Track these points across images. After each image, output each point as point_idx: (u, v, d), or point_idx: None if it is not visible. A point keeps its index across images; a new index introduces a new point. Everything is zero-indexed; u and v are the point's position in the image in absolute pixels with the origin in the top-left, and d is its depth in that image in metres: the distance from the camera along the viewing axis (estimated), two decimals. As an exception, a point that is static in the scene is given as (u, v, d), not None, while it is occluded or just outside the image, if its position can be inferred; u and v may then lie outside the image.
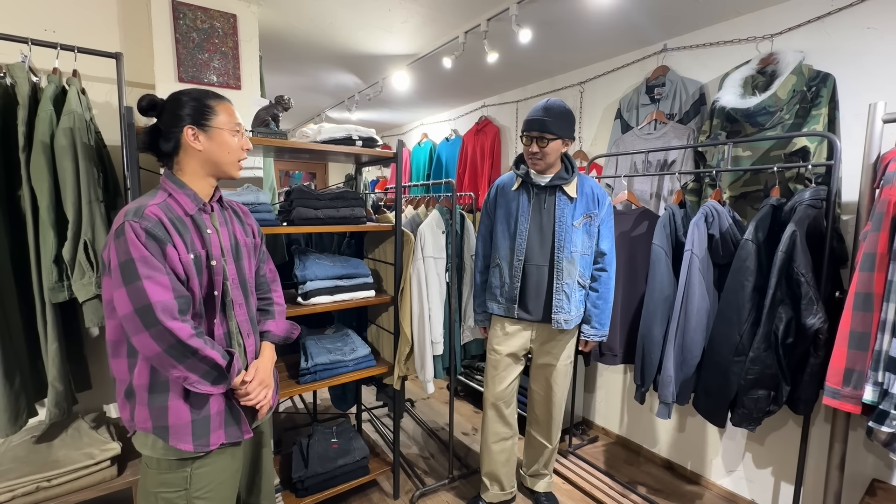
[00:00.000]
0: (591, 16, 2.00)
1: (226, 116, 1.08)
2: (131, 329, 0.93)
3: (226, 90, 1.90)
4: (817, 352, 1.44)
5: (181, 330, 0.95)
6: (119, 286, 0.92)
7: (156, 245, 0.95)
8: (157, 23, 1.74)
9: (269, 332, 1.26)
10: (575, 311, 1.73)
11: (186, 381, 0.98)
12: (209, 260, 1.05)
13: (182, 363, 0.96)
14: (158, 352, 0.93)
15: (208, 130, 1.06)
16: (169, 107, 1.06)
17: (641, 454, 2.46)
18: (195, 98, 1.07)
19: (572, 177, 1.71)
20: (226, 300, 1.09)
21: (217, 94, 1.12)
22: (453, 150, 3.66)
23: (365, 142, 1.80)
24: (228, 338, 1.11)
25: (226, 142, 1.08)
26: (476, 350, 2.34)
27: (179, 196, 1.05)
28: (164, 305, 0.93)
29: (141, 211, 0.96)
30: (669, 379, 1.69)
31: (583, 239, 1.71)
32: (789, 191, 1.74)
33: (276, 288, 1.35)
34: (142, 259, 0.93)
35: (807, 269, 1.42)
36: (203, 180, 1.10)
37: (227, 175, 1.12)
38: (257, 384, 1.13)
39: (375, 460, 2.09)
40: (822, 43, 1.76)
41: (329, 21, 2.17)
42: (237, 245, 1.15)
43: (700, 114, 2.11)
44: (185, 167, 1.08)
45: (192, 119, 1.05)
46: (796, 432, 1.79)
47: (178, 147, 1.06)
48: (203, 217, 1.08)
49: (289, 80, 3.20)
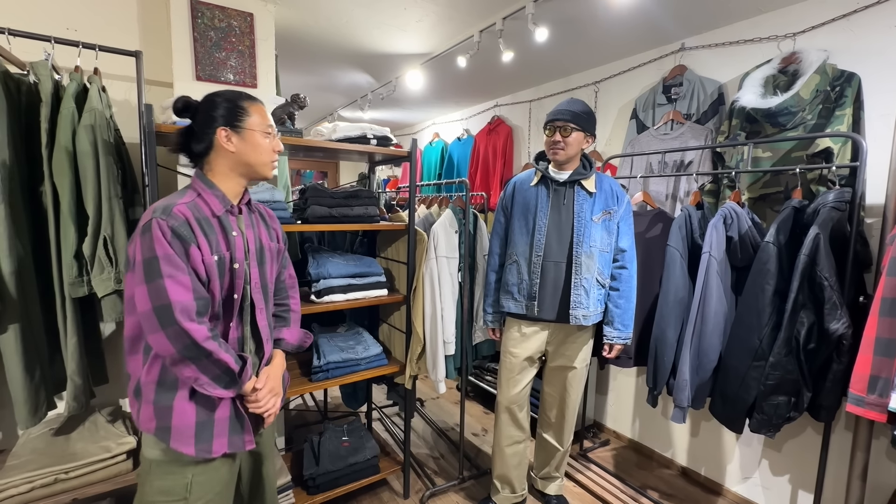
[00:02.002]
0: (608, 14, 1.98)
1: (258, 118, 1.08)
2: (148, 327, 0.92)
3: (242, 88, 1.92)
4: (840, 358, 1.40)
5: (197, 332, 0.94)
6: (141, 283, 0.92)
7: (180, 244, 0.95)
8: (175, 21, 1.76)
9: (282, 340, 1.25)
10: (593, 308, 1.70)
11: (197, 382, 0.97)
12: (232, 263, 1.04)
13: (195, 364, 0.95)
14: (173, 351, 0.93)
15: (241, 132, 1.05)
16: (203, 108, 1.06)
17: (654, 458, 2.43)
18: (228, 99, 1.07)
19: (591, 173, 1.71)
20: (244, 304, 1.08)
21: (250, 95, 1.11)
22: (465, 150, 3.65)
23: (379, 140, 1.80)
24: (242, 342, 1.10)
25: (258, 143, 1.08)
26: (487, 351, 2.33)
27: (208, 196, 1.05)
28: (182, 306, 0.92)
29: (169, 209, 0.96)
30: (685, 383, 1.66)
31: (602, 235, 1.69)
32: (811, 193, 1.70)
33: (295, 294, 1.34)
34: (166, 257, 0.92)
35: (830, 272, 1.39)
36: (233, 181, 1.09)
37: (260, 176, 1.12)
38: (267, 392, 1.11)
39: (386, 459, 2.09)
40: (847, 41, 1.71)
41: (345, 20, 2.18)
42: (262, 249, 1.14)
43: (718, 114, 2.07)
44: (216, 168, 1.07)
45: (226, 120, 1.05)
46: (815, 439, 1.75)
47: (211, 148, 1.06)
48: (230, 219, 1.07)
49: (303, 79, 3.22)
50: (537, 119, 3.15)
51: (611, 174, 2.42)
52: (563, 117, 1.65)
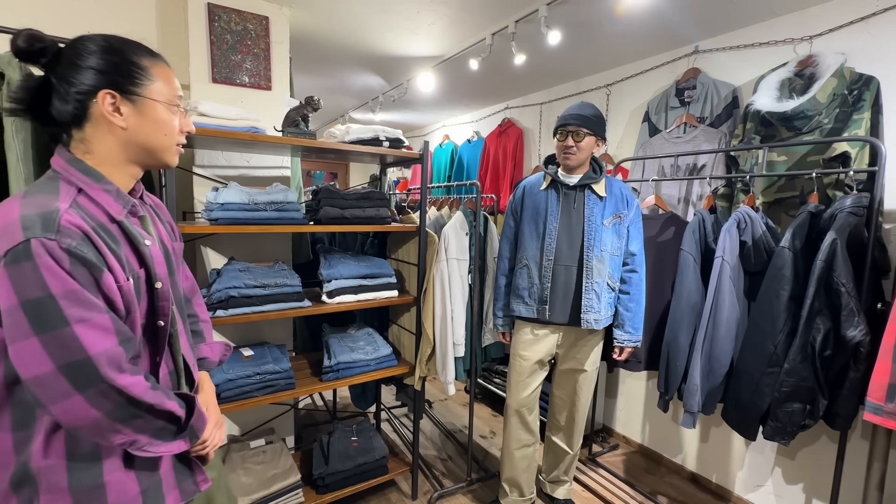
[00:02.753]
0: (622, 17, 1.97)
1: (163, 84, 0.79)
2: (50, 394, 0.65)
3: (257, 90, 1.95)
4: (857, 365, 1.38)
5: (135, 385, 0.70)
6: (26, 335, 0.63)
7: (86, 273, 0.67)
8: (193, 25, 1.79)
9: (205, 360, 1.02)
10: (604, 312, 1.70)
11: (134, 446, 0.73)
12: (153, 281, 0.79)
13: (129, 426, 0.71)
14: (96, 418, 0.68)
15: (137, 101, 0.75)
16: (71, 54, 0.73)
17: (663, 464, 2.41)
18: (116, 49, 0.75)
19: (600, 177, 1.71)
20: (172, 330, 0.85)
21: (151, 49, 0.80)
22: (475, 152, 3.66)
23: (392, 143, 1.81)
24: (175, 377, 0.88)
25: (162, 119, 0.78)
26: (496, 353, 2.33)
27: (96, 193, 0.73)
28: (109, 356, 0.68)
29: (53, 222, 0.65)
30: (695, 388, 1.65)
31: (612, 239, 1.69)
32: (827, 197, 1.68)
33: (199, 300, 1.08)
34: (68, 295, 0.64)
35: (847, 278, 1.37)
36: (122, 169, 0.78)
37: (162, 163, 0.84)
38: (212, 426, 0.89)
39: (394, 460, 2.10)
40: (866, 44, 1.69)
41: (358, 23, 2.20)
42: (168, 255, 0.87)
43: (732, 117, 2.06)
44: (96, 149, 0.75)
45: (112, 80, 0.73)
46: (830, 448, 1.72)
47: (84, 118, 0.74)
48: (133, 222, 0.79)
49: (316, 82, 3.25)
50: (548, 122, 3.14)
51: (622, 177, 2.41)
52: (575, 122, 1.64)
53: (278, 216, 1.58)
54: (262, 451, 1.85)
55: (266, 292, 1.59)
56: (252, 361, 1.65)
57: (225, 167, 1.91)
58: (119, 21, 1.79)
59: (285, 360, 1.71)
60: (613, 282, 1.72)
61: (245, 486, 1.66)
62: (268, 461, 1.80)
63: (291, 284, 1.66)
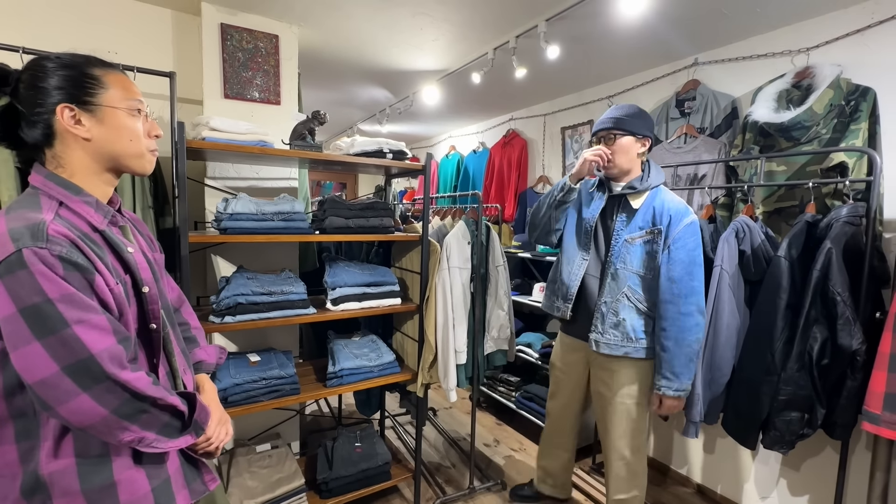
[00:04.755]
0: (620, 32, 2.02)
1: (119, 90, 0.81)
2: (58, 395, 0.67)
3: (266, 105, 2.02)
4: (855, 374, 1.38)
5: (138, 380, 0.73)
6: (27, 341, 0.66)
7: (79, 277, 0.70)
8: (207, 44, 1.88)
9: (202, 363, 1.07)
10: (614, 337, 1.56)
11: (142, 444, 0.75)
12: (139, 286, 0.82)
13: (136, 422, 0.74)
14: (103, 415, 0.70)
15: (95, 110, 0.78)
16: (28, 78, 0.76)
17: (668, 475, 2.39)
18: (68, 65, 0.78)
19: (644, 187, 1.55)
20: (164, 333, 0.88)
21: (103, 60, 0.82)
22: (481, 163, 3.71)
23: (395, 154, 1.87)
24: (172, 379, 0.91)
25: (124, 126, 0.80)
26: (499, 361, 2.34)
27: (77, 205, 0.77)
28: (110, 353, 0.71)
29: (41, 232, 0.68)
30: (697, 397, 1.65)
31: (641, 257, 1.53)
32: (826, 207, 1.69)
33: (187, 308, 1.12)
34: (65, 299, 0.68)
35: (843, 287, 1.38)
36: (97, 179, 0.81)
37: (135, 170, 0.85)
38: (216, 424, 0.93)
39: (397, 466, 2.12)
40: (862, 56, 1.71)
41: (364, 40, 2.27)
42: (151, 263, 0.91)
43: (732, 128, 2.08)
44: (67, 163, 0.78)
45: (68, 94, 0.76)
46: (834, 458, 1.71)
47: (52, 135, 0.77)
48: (115, 232, 0.82)
49: (324, 95, 3.34)
50: (552, 132, 3.19)
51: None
52: (605, 126, 1.54)
53: (285, 226, 1.64)
54: (268, 455, 1.89)
55: (272, 299, 1.65)
56: (258, 367, 1.70)
57: (235, 179, 1.99)
58: (136, 40, 1.89)
59: (291, 365, 1.75)
60: (640, 303, 1.53)
61: (250, 489, 1.70)
62: (273, 465, 1.84)
63: (297, 292, 1.71)
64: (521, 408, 2.69)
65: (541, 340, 2.66)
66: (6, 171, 1.36)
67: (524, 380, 2.84)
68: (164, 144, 1.87)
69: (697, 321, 1.46)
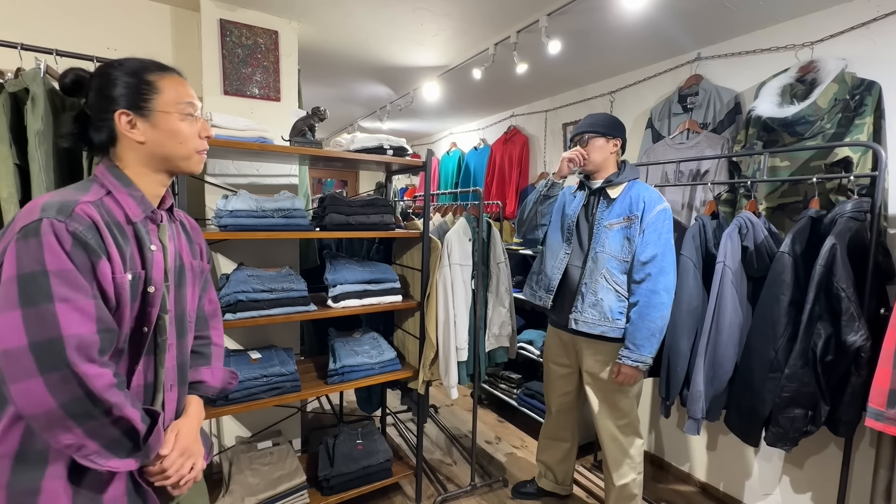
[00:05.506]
0: (622, 26, 2.01)
1: (172, 94, 0.83)
2: (14, 370, 0.64)
3: (266, 102, 2.01)
4: (859, 371, 1.37)
5: (98, 377, 0.68)
6: (12, 306, 0.65)
7: (85, 257, 0.70)
8: (206, 40, 1.87)
9: (202, 384, 0.98)
10: (591, 316, 1.66)
11: (80, 452, 0.69)
12: (146, 285, 0.80)
13: (82, 425, 0.68)
14: (50, 407, 0.65)
15: (149, 115, 0.81)
16: (97, 85, 0.81)
17: (670, 472, 2.39)
18: (130, 72, 0.81)
19: (620, 180, 1.71)
20: (158, 339, 0.83)
21: (161, 64, 0.85)
22: (482, 159, 3.70)
23: (395, 151, 1.86)
24: (152, 391, 0.84)
25: (175, 129, 0.83)
26: (500, 358, 2.34)
27: (122, 196, 0.80)
28: (80, 340, 0.67)
29: (69, 208, 0.70)
30: (699, 394, 1.64)
31: (619, 242, 1.66)
32: (830, 202, 1.67)
33: (217, 324, 1.08)
34: (61, 274, 0.67)
35: (847, 283, 1.36)
36: (150, 178, 0.84)
37: (184, 171, 0.88)
38: (177, 455, 0.83)
39: (399, 464, 2.12)
40: (867, 50, 1.69)
41: (364, 36, 2.26)
42: (181, 268, 0.90)
43: (735, 123, 2.06)
44: (126, 161, 0.82)
45: (127, 101, 0.80)
46: (837, 455, 1.70)
47: (115, 138, 0.81)
48: (149, 227, 0.84)
49: (325, 92, 3.33)
50: (553, 128, 3.17)
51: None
52: (581, 129, 1.75)
53: (285, 223, 1.64)
54: (270, 452, 1.89)
55: (273, 296, 1.64)
56: (259, 364, 1.70)
57: (235, 176, 1.98)
58: (136, 37, 1.88)
59: (291, 363, 1.75)
60: (618, 285, 1.65)
61: (252, 486, 1.70)
62: (274, 462, 1.84)
63: (297, 289, 1.70)
64: (523, 405, 2.68)
65: (542, 337, 2.65)
66: (5, 168, 1.36)
67: (525, 377, 2.84)
68: (164, 141, 1.86)
69: (663, 300, 1.59)
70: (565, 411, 1.95)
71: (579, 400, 1.93)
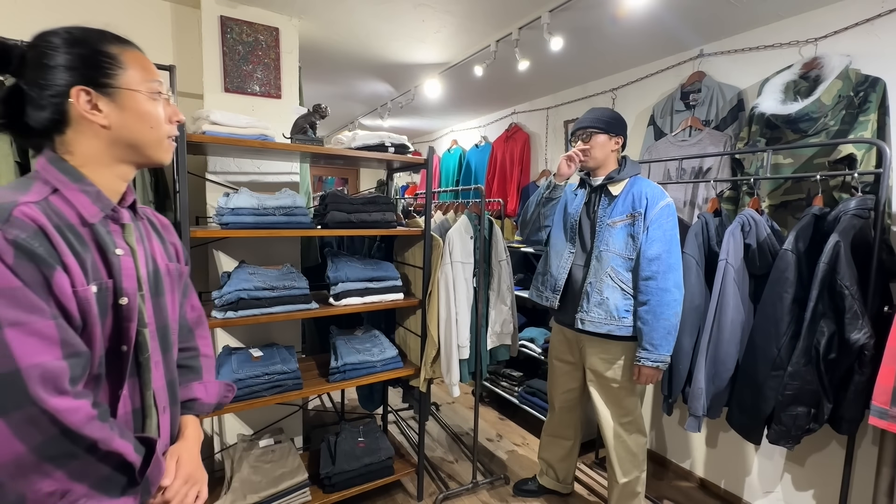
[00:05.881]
0: (625, 22, 1.99)
1: (139, 71, 0.71)
2: None
3: (267, 99, 2.01)
4: (862, 369, 1.37)
5: (73, 412, 0.58)
6: None
7: (34, 269, 0.58)
8: (206, 37, 1.86)
9: (196, 402, 0.87)
10: (598, 315, 1.65)
11: (66, 499, 0.58)
12: (117, 297, 0.68)
13: (62, 468, 0.57)
14: (19, 453, 0.54)
15: (113, 94, 0.68)
16: (34, 54, 0.66)
17: (671, 469, 2.39)
18: (83, 42, 0.67)
19: (621, 176, 1.69)
20: (140, 358, 0.72)
21: (120, 36, 0.72)
22: (483, 157, 3.69)
23: (397, 148, 1.85)
24: (141, 417, 0.73)
25: (146, 110, 0.71)
26: (502, 356, 2.34)
27: (72, 193, 0.66)
28: (43, 371, 0.56)
29: (5, 212, 0.58)
30: (700, 391, 1.64)
31: (623, 240, 1.63)
32: (834, 200, 1.66)
33: (203, 332, 0.95)
34: (5, 293, 0.55)
35: (851, 281, 1.36)
36: (110, 171, 0.71)
37: (153, 161, 0.75)
38: (181, 484, 0.74)
39: (400, 461, 2.12)
40: (872, 46, 1.68)
41: (365, 33, 2.25)
42: (157, 273, 0.77)
43: (738, 120, 2.05)
44: (78, 151, 0.68)
45: (84, 76, 0.66)
46: (840, 453, 1.70)
47: (63, 121, 0.67)
48: (111, 229, 0.70)
49: (326, 89, 3.32)
50: (554, 126, 3.16)
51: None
52: (583, 124, 1.71)
53: (286, 220, 1.63)
54: (271, 450, 1.90)
55: (274, 294, 1.64)
56: (261, 362, 1.70)
57: (236, 173, 1.98)
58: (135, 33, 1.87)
59: (293, 360, 1.75)
60: (623, 283, 1.62)
61: (254, 483, 1.70)
62: (276, 460, 1.84)
63: (299, 287, 1.70)
64: (524, 403, 2.69)
65: (543, 335, 2.65)
66: (6, 165, 1.36)
67: (527, 375, 2.84)
68: (165, 139, 1.86)
69: (675, 297, 1.56)
70: (569, 409, 1.95)
71: (583, 397, 1.93)
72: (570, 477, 2.08)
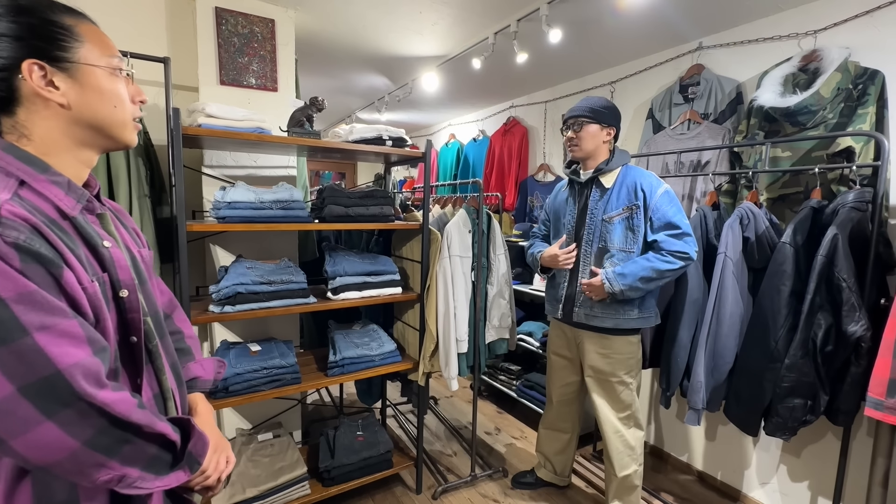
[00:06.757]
0: (623, 14, 1.98)
1: (97, 45, 0.65)
2: (10, 426, 0.52)
3: (263, 92, 1.99)
4: (859, 360, 1.37)
5: (121, 402, 0.59)
6: None
7: (42, 271, 0.55)
8: (201, 28, 1.84)
9: (197, 380, 0.91)
10: (599, 310, 1.65)
11: (123, 483, 0.60)
12: (116, 290, 0.67)
13: (115, 456, 0.58)
14: (74, 448, 0.55)
15: (71, 69, 0.62)
16: None
17: (669, 462, 2.40)
18: (26, 9, 0.60)
19: (611, 167, 1.65)
20: (149, 346, 0.73)
21: (69, 6, 0.65)
22: (480, 151, 3.68)
23: (395, 142, 1.84)
24: (162, 401, 0.76)
25: (110, 88, 0.66)
26: (500, 350, 2.34)
27: (42, 185, 0.61)
28: (84, 369, 0.56)
29: None
30: (699, 385, 1.65)
31: (622, 233, 1.62)
32: (832, 193, 1.67)
33: (181, 315, 0.95)
34: (23, 298, 0.53)
35: (849, 274, 1.36)
36: (72, 156, 0.66)
37: (119, 144, 0.70)
38: (212, 452, 0.75)
39: (399, 455, 2.13)
40: (871, 38, 1.68)
41: (362, 25, 2.23)
42: (136, 261, 0.75)
43: (736, 113, 2.05)
44: (36, 135, 0.62)
45: (35, 49, 0.60)
46: (835, 445, 1.71)
47: (13, 100, 0.60)
48: (90, 220, 0.67)
49: (322, 82, 3.29)
50: (553, 119, 3.15)
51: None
52: (575, 113, 1.67)
53: (284, 214, 1.62)
54: (270, 444, 1.90)
55: (272, 289, 1.63)
56: (259, 356, 1.70)
57: (233, 167, 1.96)
58: (128, 25, 1.85)
59: (291, 355, 1.75)
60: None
61: (253, 477, 1.71)
62: (275, 454, 1.84)
63: (297, 281, 1.70)
64: (522, 396, 2.70)
65: (542, 329, 2.65)
66: None
67: (525, 368, 2.85)
68: (160, 132, 1.84)
69: (673, 266, 1.52)
70: (567, 402, 1.96)
71: (581, 391, 1.94)
72: (567, 470, 2.09)
